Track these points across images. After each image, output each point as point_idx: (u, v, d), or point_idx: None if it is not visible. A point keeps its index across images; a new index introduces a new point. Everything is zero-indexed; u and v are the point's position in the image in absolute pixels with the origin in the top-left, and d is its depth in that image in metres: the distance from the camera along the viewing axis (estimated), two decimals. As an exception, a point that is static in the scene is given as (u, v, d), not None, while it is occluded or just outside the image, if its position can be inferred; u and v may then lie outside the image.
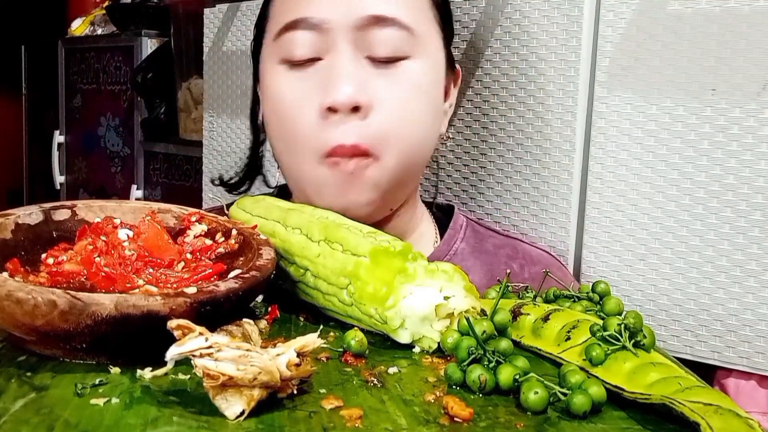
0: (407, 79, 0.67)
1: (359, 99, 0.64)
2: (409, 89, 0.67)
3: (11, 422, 0.37)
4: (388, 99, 0.66)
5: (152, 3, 2.17)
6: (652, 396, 0.41)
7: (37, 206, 0.56)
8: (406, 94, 0.66)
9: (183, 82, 1.90)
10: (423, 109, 0.68)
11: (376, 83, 0.66)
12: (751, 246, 0.72)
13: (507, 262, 0.78)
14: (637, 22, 0.76)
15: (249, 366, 0.38)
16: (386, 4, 0.66)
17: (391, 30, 0.65)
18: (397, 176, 0.67)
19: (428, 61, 0.68)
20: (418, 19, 0.68)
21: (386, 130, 0.65)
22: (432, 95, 0.70)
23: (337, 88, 0.64)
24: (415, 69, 0.67)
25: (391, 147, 0.66)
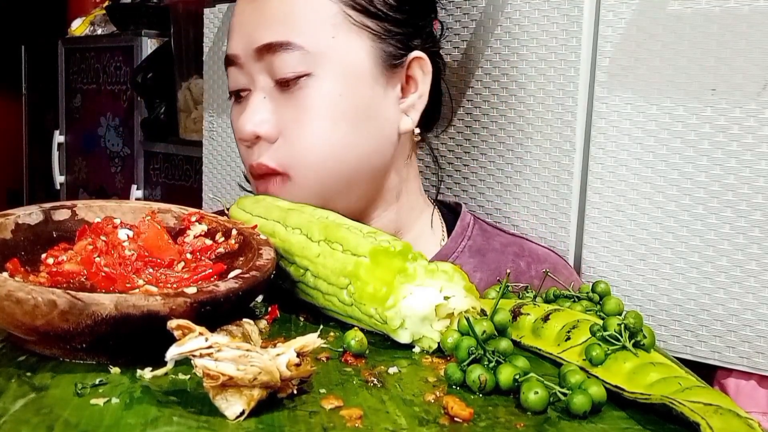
0: (311, 98, 0.69)
1: (258, 131, 0.70)
2: (312, 108, 0.69)
3: (11, 422, 0.37)
4: (292, 124, 0.70)
5: (152, 3, 2.18)
6: (652, 396, 0.41)
7: (37, 206, 0.56)
8: (309, 114, 0.69)
9: (183, 82, 1.90)
10: (330, 128, 0.69)
11: (284, 109, 0.70)
12: (751, 246, 0.72)
13: (514, 260, 0.79)
14: (637, 22, 0.76)
15: (249, 366, 0.38)
16: (274, 31, 0.69)
17: (283, 54, 0.69)
18: (319, 192, 0.70)
19: (333, 73, 0.69)
20: (317, 34, 0.69)
21: (291, 154, 0.70)
22: (347, 106, 0.70)
23: (241, 124, 0.71)
24: (318, 85, 0.69)
25: (302, 167, 0.70)
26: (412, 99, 0.74)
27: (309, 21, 0.69)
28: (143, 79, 2.01)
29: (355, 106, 0.70)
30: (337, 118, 0.70)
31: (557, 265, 0.80)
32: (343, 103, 0.70)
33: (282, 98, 0.70)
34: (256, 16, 0.71)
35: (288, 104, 0.70)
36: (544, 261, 0.80)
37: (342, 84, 0.70)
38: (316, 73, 0.69)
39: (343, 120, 0.70)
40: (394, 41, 0.72)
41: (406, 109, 0.74)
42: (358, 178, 0.72)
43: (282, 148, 0.70)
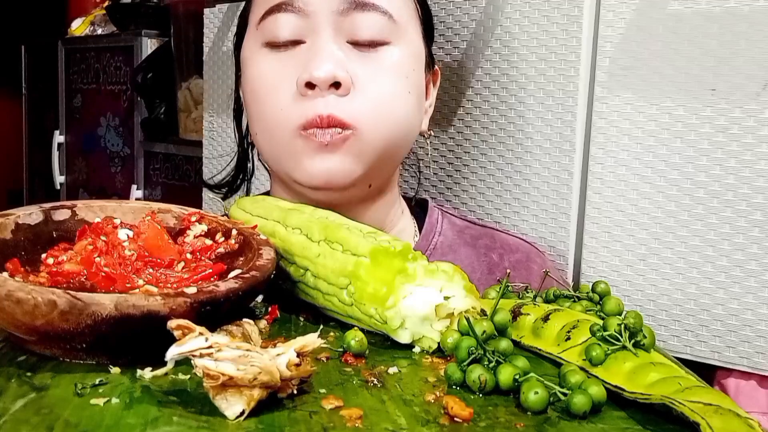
0: (388, 64, 0.69)
1: (339, 75, 0.66)
2: (389, 72, 0.69)
3: (11, 422, 0.37)
4: (368, 80, 0.68)
5: (152, 3, 2.17)
6: (652, 396, 0.41)
7: (37, 206, 0.56)
8: (386, 77, 0.69)
9: (183, 82, 1.91)
10: (403, 93, 0.70)
11: (357, 65, 0.68)
12: (751, 246, 0.72)
13: (486, 254, 0.79)
14: (637, 22, 0.76)
15: (249, 366, 0.38)
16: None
17: (372, 14, 0.68)
18: (378, 152, 0.69)
19: (409, 49, 0.71)
20: (400, 9, 0.70)
21: (366, 108, 0.67)
22: (414, 81, 0.71)
23: (317, 65, 0.66)
24: (396, 54, 0.69)
25: (371, 123, 0.67)
26: (427, 105, 0.78)
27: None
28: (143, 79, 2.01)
29: (417, 85, 0.72)
30: (409, 89, 0.70)
31: (530, 254, 0.81)
32: (412, 77, 0.71)
33: (355, 57, 0.68)
34: None
35: (363, 62, 0.68)
36: (516, 251, 0.80)
37: (412, 62, 0.71)
38: (395, 43, 0.70)
39: (412, 94, 0.71)
40: (429, 48, 0.76)
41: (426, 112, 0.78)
42: (397, 156, 0.73)
43: (356, 101, 0.67)
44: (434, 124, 0.93)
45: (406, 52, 0.70)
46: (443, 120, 0.92)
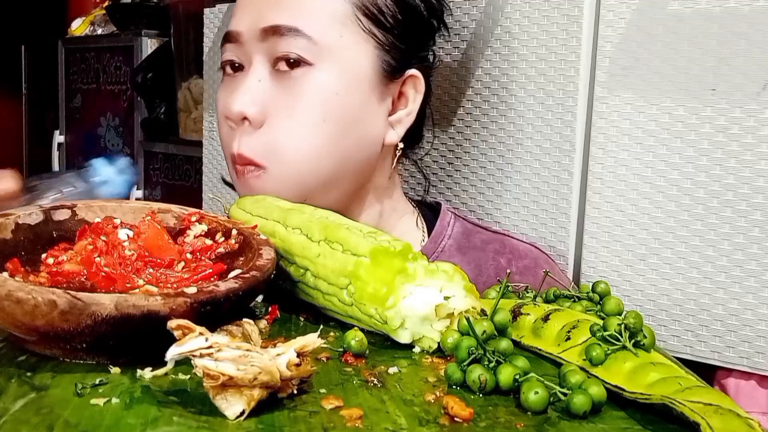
0: (306, 89, 0.69)
1: (247, 112, 0.69)
2: (305, 99, 0.69)
3: (11, 422, 0.37)
4: (280, 111, 0.69)
5: (152, 3, 2.17)
6: (652, 396, 0.41)
7: (37, 206, 0.56)
8: (301, 104, 0.69)
9: (183, 82, 1.90)
10: (318, 122, 0.69)
11: (277, 94, 0.69)
12: (751, 246, 0.72)
13: (494, 257, 0.79)
14: (637, 22, 0.76)
15: (249, 366, 0.38)
16: (285, 15, 0.69)
17: (289, 39, 0.68)
18: (295, 185, 0.69)
19: (336, 70, 0.70)
20: (326, 28, 0.69)
21: (272, 146, 0.69)
22: (340, 105, 0.70)
23: (231, 101, 0.70)
24: (317, 77, 0.69)
25: (278, 161, 0.69)
26: (401, 114, 0.75)
27: (320, 13, 0.70)
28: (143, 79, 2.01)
29: (347, 107, 0.70)
30: (328, 115, 0.69)
31: (538, 260, 0.80)
32: (336, 101, 0.70)
33: (277, 85, 0.70)
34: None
35: (281, 91, 0.69)
36: (525, 257, 0.80)
37: (340, 83, 0.70)
38: (317, 65, 0.69)
39: (333, 119, 0.70)
40: (396, 55, 0.73)
41: (394, 123, 0.75)
42: (337, 179, 0.72)
43: (264, 137, 0.69)
44: (434, 124, 0.93)
45: (332, 75, 0.69)
46: (443, 120, 0.92)
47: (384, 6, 0.72)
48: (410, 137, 0.79)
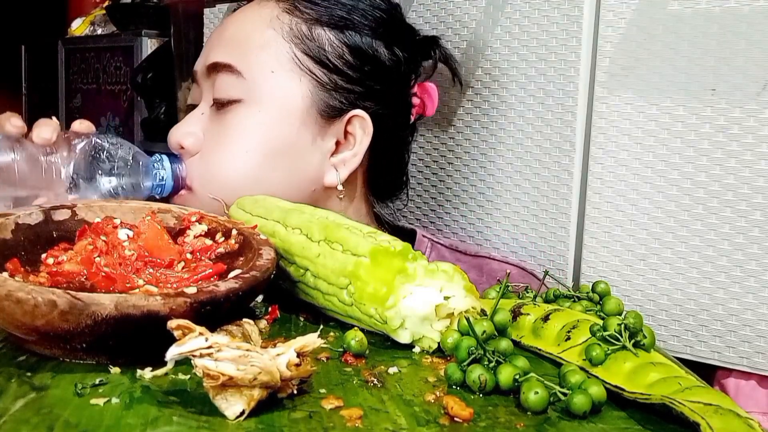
0: (235, 122, 0.73)
1: (182, 142, 0.75)
2: (233, 132, 0.72)
3: (11, 422, 0.37)
4: (212, 143, 0.74)
5: (152, 3, 2.17)
6: (652, 396, 0.41)
7: (37, 206, 0.56)
8: (228, 137, 0.73)
9: (183, 82, 1.90)
10: (240, 152, 0.72)
11: (211, 129, 0.74)
12: (751, 246, 0.72)
13: None
14: (637, 22, 0.76)
15: (249, 366, 0.38)
16: (222, 53, 0.74)
17: (223, 75, 0.73)
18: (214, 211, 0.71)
19: (264, 106, 0.72)
20: (256, 64, 0.73)
21: (201, 172, 0.73)
22: (265, 138, 0.72)
23: (170, 133, 0.76)
24: (244, 114, 0.72)
25: (203, 184, 0.73)
26: (345, 155, 0.75)
27: (254, 50, 0.73)
28: (143, 79, 2.01)
29: (273, 140, 0.73)
30: (254, 147, 0.72)
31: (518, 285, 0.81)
32: (262, 134, 0.72)
33: (214, 118, 0.74)
34: (217, 36, 0.76)
35: (216, 125, 0.74)
36: None
37: (267, 116, 0.72)
38: (246, 100, 0.72)
39: (258, 150, 0.72)
40: (339, 95, 0.74)
41: (337, 164, 0.75)
42: None
43: (195, 164, 0.74)
44: (434, 124, 0.93)
45: (261, 112, 0.72)
46: (443, 120, 0.92)
47: (330, 46, 0.73)
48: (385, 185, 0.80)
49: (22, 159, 0.62)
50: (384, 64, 0.76)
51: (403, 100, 0.79)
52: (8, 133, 0.64)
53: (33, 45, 2.83)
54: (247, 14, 0.76)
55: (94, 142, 0.67)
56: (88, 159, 0.65)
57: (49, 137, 0.65)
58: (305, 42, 0.73)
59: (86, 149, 0.66)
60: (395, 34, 0.77)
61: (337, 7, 0.74)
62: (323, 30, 0.73)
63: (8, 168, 0.62)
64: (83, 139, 0.66)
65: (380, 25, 0.76)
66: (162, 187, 0.72)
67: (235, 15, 0.77)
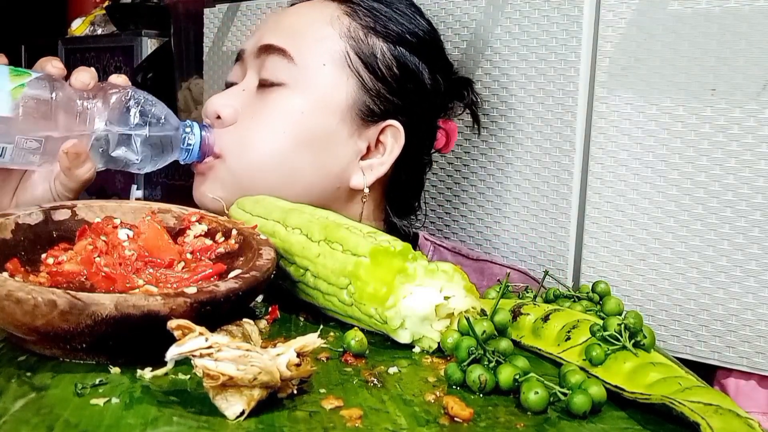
0: (275, 104, 0.74)
1: (220, 111, 0.75)
2: (271, 112, 0.74)
3: (11, 422, 0.37)
4: (248, 118, 0.74)
5: (152, 3, 2.17)
6: (652, 396, 0.41)
7: (37, 206, 0.56)
8: (265, 116, 0.74)
9: (183, 82, 1.90)
10: (278, 131, 0.74)
11: (251, 104, 0.75)
12: (751, 246, 0.72)
13: None
14: (637, 22, 0.76)
15: (249, 366, 0.38)
16: (278, 37, 0.75)
17: (274, 57, 0.74)
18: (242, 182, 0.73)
19: (308, 95, 0.74)
20: (310, 55, 0.75)
21: (234, 142, 0.74)
22: (302, 124, 0.74)
23: (210, 101, 0.76)
24: (287, 98, 0.74)
25: (233, 153, 0.74)
26: (374, 161, 0.77)
27: (311, 41, 0.75)
28: (143, 79, 2.01)
29: (310, 129, 0.74)
30: (290, 129, 0.74)
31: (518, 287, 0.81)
32: (300, 120, 0.74)
33: (256, 97, 0.75)
34: (276, 22, 0.78)
35: (257, 102, 0.75)
36: None
37: (308, 104, 0.74)
38: (291, 86, 0.74)
39: (295, 134, 0.74)
40: (380, 102, 0.76)
41: (365, 168, 0.77)
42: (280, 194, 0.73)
43: (229, 133, 0.74)
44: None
45: (301, 95, 0.74)
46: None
47: (381, 55, 0.76)
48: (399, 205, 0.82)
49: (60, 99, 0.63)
50: (425, 85, 0.78)
51: (433, 126, 0.82)
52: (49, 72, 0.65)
53: (33, 45, 2.83)
54: (310, 8, 0.78)
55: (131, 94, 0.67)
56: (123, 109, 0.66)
57: (88, 82, 0.66)
58: (360, 45, 0.75)
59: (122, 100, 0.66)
60: (439, 63, 0.80)
61: (393, 22, 0.77)
62: (377, 39, 0.76)
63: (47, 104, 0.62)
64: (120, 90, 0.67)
65: (428, 50, 0.79)
66: (189, 152, 0.72)
67: (297, 6, 0.80)
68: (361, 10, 0.77)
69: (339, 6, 0.77)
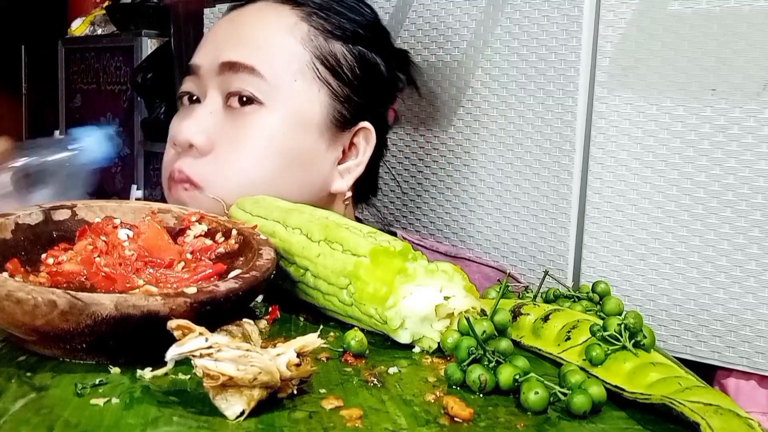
0: (254, 126, 0.71)
1: (194, 140, 0.71)
2: (251, 135, 0.71)
3: (11, 422, 0.37)
4: (227, 143, 0.71)
5: (152, 3, 2.17)
6: (652, 396, 0.41)
7: (37, 206, 0.56)
8: (246, 140, 0.71)
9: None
10: (262, 156, 0.72)
11: (224, 129, 0.72)
12: (751, 246, 0.72)
13: None
14: (637, 22, 0.76)
15: (249, 366, 0.38)
16: (243, 53, 0.72)
17: (244, 75, 0.71)
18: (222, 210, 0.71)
19: (285, 114, 0.72)
20: (281, 72, 0.72)
21: (214, 172, 0.71)
22: (284, 146, 0.72)
23: (180, 129, 0.72)
24: (265, 117, 0.72)
25: (214, 183, 0.71)
26: (351, 164, 0.77)
27: (277, 56, 0.72)
28: (143, 79, 2.01)
29: (292, 149, 0.73)
30: (271, 153, 0.72)
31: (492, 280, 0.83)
32: (282, 141, 0.72)
33: (226, 118, 0.72)
34: (231, 34, 0.74)
35: (230, 125, 0.72)
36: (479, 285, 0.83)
37: (288, 124, 0.72)
38: (267, 105, 0.71)
39: (276, 157, 0.72)
40: (350, 106, 0.75)
41: (343, 172, 0.77)
42: None
43: (208, 164, 0.72)
44: (434, 123, 0.93)
45: (280, 117, 0.72)
46: (443, 120, 0.92)
47: (343, 59, 0.75)
48: (363, 188, 0.82)
49: None
50: (384, 77, 0.78)
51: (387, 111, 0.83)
52: None
53: (33, 45, 2.83)
54: (264, 16, 0.75)
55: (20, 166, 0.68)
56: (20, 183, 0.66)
57: None
58: (323, 53, 0.74)
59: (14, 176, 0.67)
60: (390, 48, 0.80)
61: (345, 21, 0.76)
62: (336, 42, 0.75)
63: None
64: None
65: (379, 39, 0.78)
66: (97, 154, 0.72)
67: (249, 15, 0.76)
68: (315, 12, 0.75)
69: (292, 11, 0.75)
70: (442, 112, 0.92)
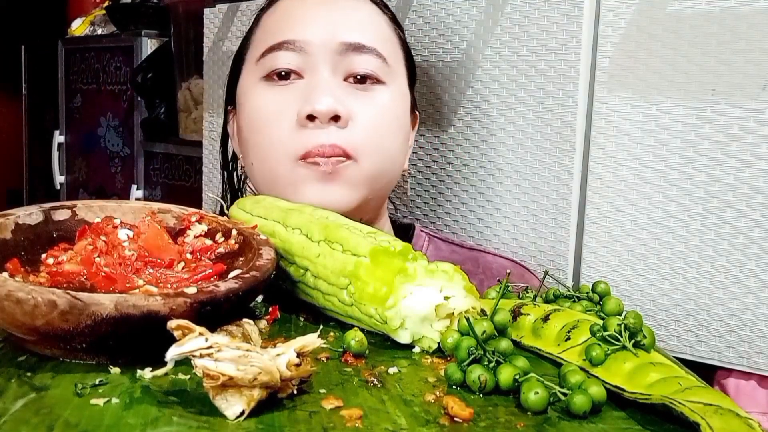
0: (381, 102, 0.73)
1: (338, 109, 0.69)
2: (383, 110, 0.74)
3: (11, 422, 0.37)
4: (363, 114, 0.72)
5: (152, 3, 2.17)
6: (652, 396, 0.41)
7: (37, 206, 0.56)
8: (380, 114, 0.73)
9: (183, 82, 1.90)
10: (394, 130, 0.75)
11: (354, 101, 0.72)
12: (751, 246, 0.72)
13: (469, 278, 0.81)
14: (637, 22, 0.76)
15: (249, 366, 0.38)
16: (364, 35, 0.73)
17: (368, 56, 0.73)
18: (373, 183, 0.73)
19: (398, 92, 0.76)
20: (391, 54, 0.76)
21: (364, 140, 0.71)
22: (401, 121, 0.77)
23: (318, 98, 0.69)
24: (387, 95, 0.74)
25: (368, 154, 0.71)
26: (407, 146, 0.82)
27: (389, 42, 0.77)
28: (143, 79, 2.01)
29: (404, 126, 0.77)
30: (397, 128, 0.75)
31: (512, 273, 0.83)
32: (400, 118, 0.76)
33: (351, 93, 0.72)
34: (341, 14, 0.74)
35: (359, 99, 0.72)
36: (498, 274, 0.84)
37: (401, 104, 0.76)
38: (388, 85, 0.74)
39: (400, 133, 0.76)
40: (412, 93, 0.81)
41: None
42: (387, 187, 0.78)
43: (355, 133, 0.70)
44: (434, 123, 0.93)
45: (396, 94, 0.75)
46: (443, 120, 0.92)
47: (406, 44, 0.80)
48: None
49: None
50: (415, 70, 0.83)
51: None
52: None
53: (33, 45, 2.83)
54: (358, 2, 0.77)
55: None
56: None
57: None
58: (401, 40, 0.79)
59: None
60: None
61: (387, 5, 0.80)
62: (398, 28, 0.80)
63: None
64: None
65: None
66: None
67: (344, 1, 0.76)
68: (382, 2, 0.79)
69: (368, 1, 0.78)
70: (441, 112, 0.92)
